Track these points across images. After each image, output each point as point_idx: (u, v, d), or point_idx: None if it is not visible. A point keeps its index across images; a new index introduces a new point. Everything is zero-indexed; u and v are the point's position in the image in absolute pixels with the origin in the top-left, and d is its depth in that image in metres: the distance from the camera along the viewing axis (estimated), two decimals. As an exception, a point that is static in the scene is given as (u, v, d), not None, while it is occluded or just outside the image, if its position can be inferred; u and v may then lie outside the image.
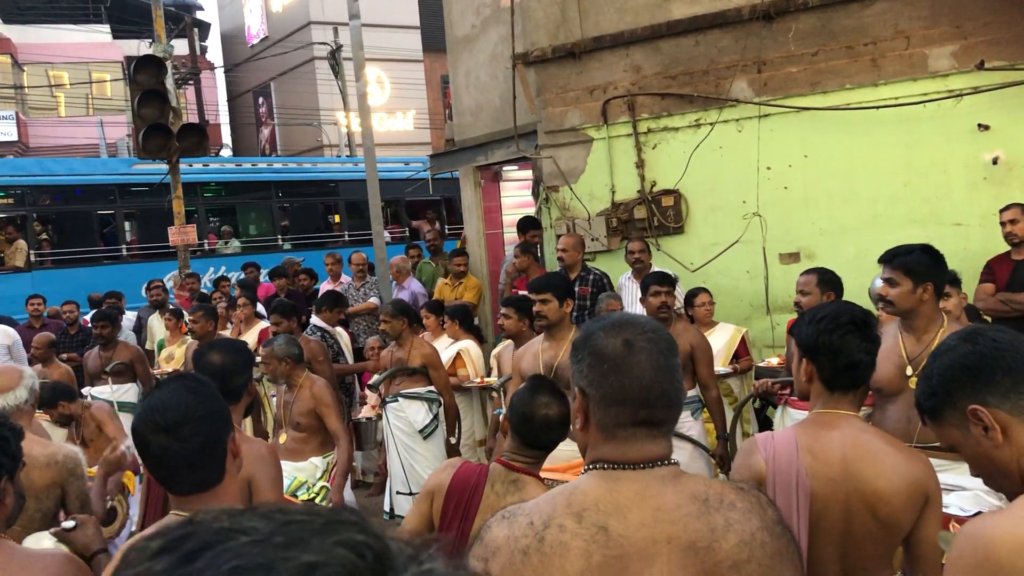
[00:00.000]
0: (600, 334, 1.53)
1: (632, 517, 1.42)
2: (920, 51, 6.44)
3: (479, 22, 10.51)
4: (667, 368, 1.51)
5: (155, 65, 11.00)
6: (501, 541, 1.45)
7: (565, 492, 1.49)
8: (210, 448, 1.87)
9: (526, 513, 1.47)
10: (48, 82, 27.68)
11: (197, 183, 16.09)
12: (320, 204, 18.84)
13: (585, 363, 1.52)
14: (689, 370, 4.95)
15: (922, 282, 3.28)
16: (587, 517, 1.42)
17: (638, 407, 1.48)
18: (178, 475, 1.85)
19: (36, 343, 7.22)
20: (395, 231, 18.17)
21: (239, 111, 33.60)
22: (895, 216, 6.57)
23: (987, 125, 6.25)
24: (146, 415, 1.87)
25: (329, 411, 4.86)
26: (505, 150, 9.49)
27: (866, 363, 2.27)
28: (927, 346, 3.30)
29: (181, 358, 7.68)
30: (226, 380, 2.97)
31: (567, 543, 1.40)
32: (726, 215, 7.26)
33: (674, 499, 1.44)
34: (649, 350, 1.50)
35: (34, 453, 3.38)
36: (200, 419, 1.86)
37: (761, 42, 6.94)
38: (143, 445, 1.86)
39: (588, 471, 1.51)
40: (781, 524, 1.50)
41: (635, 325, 1.54)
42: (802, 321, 2.35)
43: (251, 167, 18.67)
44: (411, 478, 5.67)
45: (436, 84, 29.74)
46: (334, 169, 19.39)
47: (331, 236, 17.89)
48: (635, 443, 1.48)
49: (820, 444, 2.20)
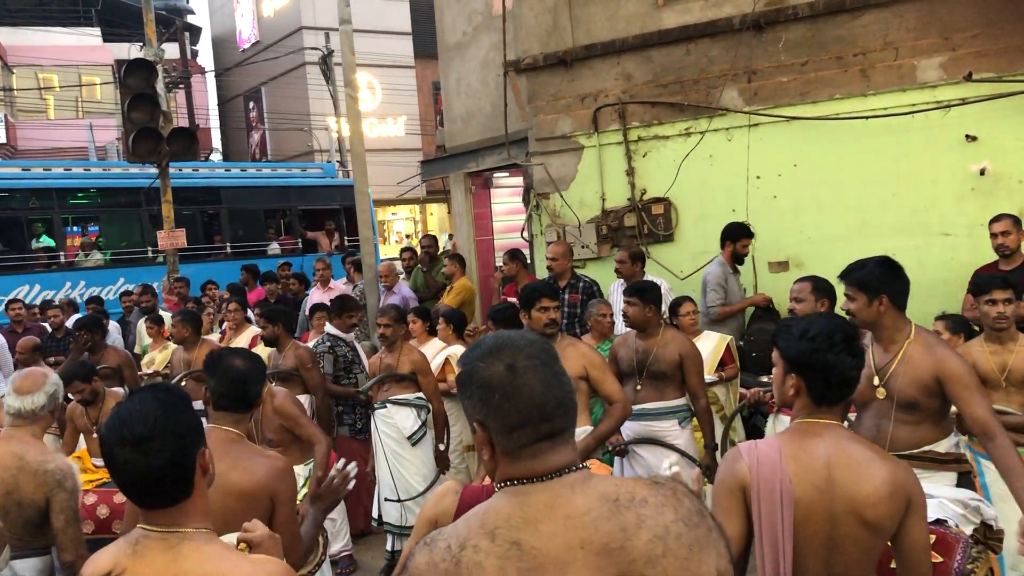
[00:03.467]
0: (480, 365, 1.53)
1: (543, 527, 1.44)
2: (909, 62, 6.49)
3: (471, 29, 10.54)
4: (554, 377, 1.53)
5: (146, 69, 10.98)
6: (423, 568, 1.47)
7: (479, 513, 1.51)
8: (177, 464, 1.81)
9: (444, 537, 1.49)
10: (37, 85, 27.58)
11: (54, 189, 14.56)
12: (198, 212, 16.22)
13: (476, 397, 1.53)
14: (677, 379, 4.95)
15: (876, 295, 3.32)
16: (500, 534, 1.44)
17: (538, 423, 1.49)
18: (143, 490, 1.80)
19: (20, 347, 7.18)
20: (287, 243, 17.03)
21: (230, 115, 33.54)
22: (883, 226, 6.60)
23: (975, 136, 6.30)
24: (113, 426, 1.82)
25: (296, 421, 4.66)
26: (496, 157, 9.52)
27: (855, 380, 2.29)
28: (894, 356, 3.33)
29: (162, 363, 7.64)
30: (246, 386, 2.93)
31: (481, 563, 1.42)
32: (716, 223, 7.27)
33: (584, 503, 1.46)
34: (532, 366, 1.51)
35: (28, 458, 3.34)
36: (168, 434, 1.80)
37: (751, 52, 6.98)
38: (109, 457, 1.81)
39: (499, 490, 1.53)
40: (700, 513, 1.51)
41: (510, 346, 1.55)
42: (790, 336, 2.33)
43: (121, 172, 16.16)
44: (399, 485, 5.65)
45: (427, 90, 29.77)
46: (216, 175, 17.23)
47: (211, 248, 15.92)
48: (540, 457, 1.50)
49: (804, 452, 2.22)
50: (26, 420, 3.47)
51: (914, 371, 3.27)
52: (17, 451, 3.34)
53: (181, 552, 1.77)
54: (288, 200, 17.40)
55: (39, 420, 3.51)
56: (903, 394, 3.28)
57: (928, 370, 3.24)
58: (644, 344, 4.95)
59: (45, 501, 3.32)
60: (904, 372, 3.28)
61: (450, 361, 6.64)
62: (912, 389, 3.27)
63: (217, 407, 2.90)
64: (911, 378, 3.27)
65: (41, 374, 3.62)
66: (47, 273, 13.81)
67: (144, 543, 1.79)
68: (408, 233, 29.94)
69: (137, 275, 13.94)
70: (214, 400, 2.90)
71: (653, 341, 4.94)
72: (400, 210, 30.20)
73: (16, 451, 3.34)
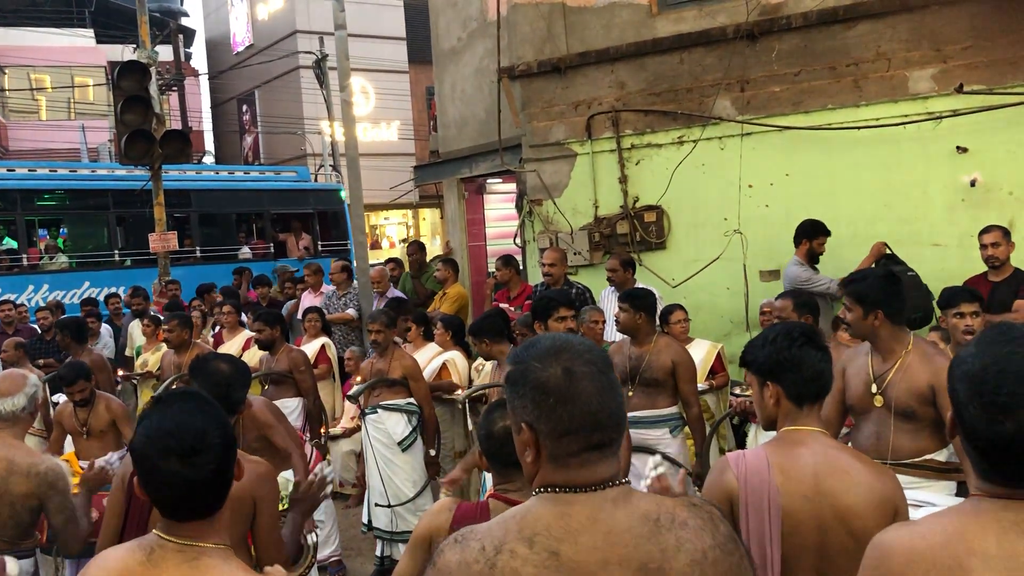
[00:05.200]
0: (536, 365, 1.50)
1: (583, 540, 1.42)
2: (901, 73, 6.52)
3: (465, 35, 10.56)
4: (610, 388, 1.51)
5: (139, 71, 10.95)
6: (454, 566, 1.44)
7: (516, 516, 1.48)
8: (221, 475, 1.79)
9: (478, 538, 1.46)
10: (30, 85, 27.47)
11: (18, 191, 14.17)
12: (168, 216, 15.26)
13: (528, 398, 1.50)
14: (670, 387, 4.95)
15: (872, 309, 3.37)
16: (538, 542, 1.42)
17: (590, 432, 1.47)
18: (183, 502, 1.76)
19: (5, 346, 7.14)
20: (258, 247, 16.82)
21: (223, 118, 33.45)
22: (874, 236, 6.62)
23: (966, 148, 6.34)
24: (156, 438, 1.76)
25: (273, 430, 4.59)
26: (489, 163, 9.52)
27: (828, 372, 2.33)
28: (892, 365, 3.36)
29: (155, 364, 7.61)
30: (229, 391, 2.93)
31: (518, 569, 1.40)
32: (708, 232, 7.30)
33: (625, 521, 1.44)
34: (590, 373, 1.49)
35: (17, 460, 3.33)
36: (216, 446, 1.78)
37: (745, 61, 7.01)
38: (151, 470, 1.75)
39: (538, 494, 1.51)
40: (734, 540, 1.51)
41: (569, 349, 1.52)
42: (754, 348, 2.39)
43: (89, 173, 15.92)
44: (389, 490, 5.64)
45: (421, 96, 29.75)
46: (187, 178, 16.35)
47: (181, 252, 14.63)
48: (588, 467, 1.48)
49: (791, 462, 2.24)
50: (7, 422, 3.45)
51: (911, 380, 3.31)
52: (5, 454, 3.32)
53: (198, 567, 1.73)
54: (261, 204, 17.19)
55: (20, 422, 3.49)
56: (900, 402, 3.31)
57: (925, 379, 3.28)
58: (637, 351, 4.96)
59: (38, 503, 3.31)
60: (901, 380, 3.32)
61: (447, 366, 6.64)
62: (909, 398, 3.30)
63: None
64: (908, 387, 3.30)
65: (21, 375, 3.61)
66: (8, 276, 13.55)
67: (160, 552, 1.75)
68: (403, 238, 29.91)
69: (102, 279, 13.73)
70: None
71: (646, 348, 4.95)
72: (392, 215, 30.15)
73: (3, 454, 3.32)
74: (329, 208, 17.99)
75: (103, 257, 14.83)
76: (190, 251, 15.56)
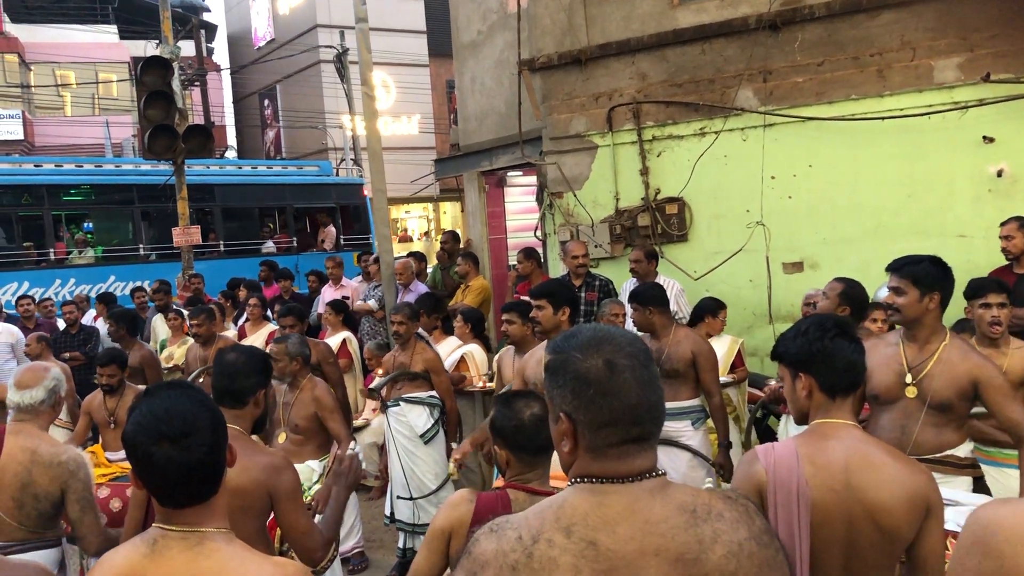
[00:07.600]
0: (577, 356, 1.50)
1: (621, 531, 1.43)
2: (926, 62, 6.45)
3: (486, 28, 10.55)
4: (650, 380, 1.51)
5: (162, 66, 11.05)
6: (490, 555, 1.44)
7: (553, 505, 1.49)
8: (213, 458, 1.83)
9: (514, 527, 1.46)
10: (55, 81, 27.78)
11: (44, 186, 14.36)
12: (193, 210, 14.70)
13: (568, 388, 1.49)
14: (691, 378, 4.94)
15: (929, 292, 3.30)
16: (576, 532, 1.42)
17: (629, 425, 1.47)
18: (178, 487, 1.79)
19: (29, 341, 7.23)
20: (282, 241, 16.91)
21: (245, 113, 33.68)
22: (899, 227, 6.57)
23: (992, 137, 6.26)
24: (147, 424, 1.80)
25: (331, 415, 4.88)
26: (510, 156, 9.51)
27: (860, 363, 2.30)
28: (929, 356, 3.31)
29: (181, 358, 7.67)
30: (237, 380, 2.96)
31: (556, 558, 1.40)
32: (730, 224, 7.26)
33: (662, 511, 1.45)
34: (631, 366, 1.49)
35: (40, 451, 3.37)
36: (205, 428, 1.82)
37: (767, 51, 6.95)
38: (144, 456, 1.79)
39: (575, 484, 1.51)
40: (769, 533, 1.51)
41: (611, 341, 1.52)
42: (785, 341, 2.37)
43: (114, 168, 16.23)
44: (412, 483, 5.67)
45: (442, 89, 29.80)
46: (211, 172, 16.64)
47: (205, 246, 15.05)
48: (626, 459, 1.48)
49: (821, 454, 2.21)
50: (29, 414, 3.49)
51: (951, 373, 3.27)
52: (28, 445, 3.36)
53: (202, 551, 1.76)
54: (284, 198, 17.28)
55: (40, 415, 3.51)
56: (938, 395, 3.27)
57: (965, 373, 3.25)
58: (656, 344, 4.96)
59: (60, 492, 3.35)
60: (940, 373, 3.28)
61: (466, 359, 6.66)
62: (948, 391, 3.26)
63: (218, 403, 2.94)
64: (948, 379, 3.26)
65: (43, 368, 3.63)
66: (36, 271, 13.68)
67: (163, 542, 1.77)
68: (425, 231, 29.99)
69: (127, 273, 13.89)
70: (215, 396, 2.94)
71: (665, 340, 4.95)
72: (414, 208, 30.24)
73: (27, 445, 3.36)
74: (351, 202, 18.09)
75: (128, 251, 15.00)
76: (214, 245, 15.70)
